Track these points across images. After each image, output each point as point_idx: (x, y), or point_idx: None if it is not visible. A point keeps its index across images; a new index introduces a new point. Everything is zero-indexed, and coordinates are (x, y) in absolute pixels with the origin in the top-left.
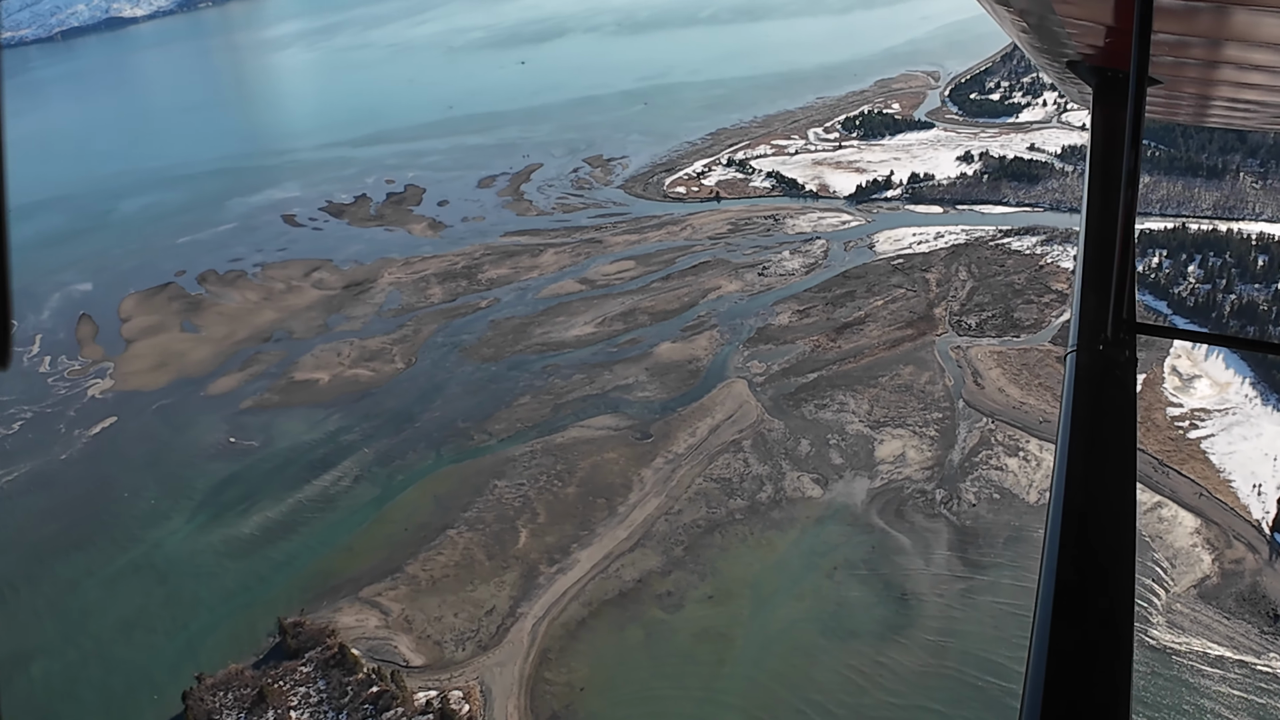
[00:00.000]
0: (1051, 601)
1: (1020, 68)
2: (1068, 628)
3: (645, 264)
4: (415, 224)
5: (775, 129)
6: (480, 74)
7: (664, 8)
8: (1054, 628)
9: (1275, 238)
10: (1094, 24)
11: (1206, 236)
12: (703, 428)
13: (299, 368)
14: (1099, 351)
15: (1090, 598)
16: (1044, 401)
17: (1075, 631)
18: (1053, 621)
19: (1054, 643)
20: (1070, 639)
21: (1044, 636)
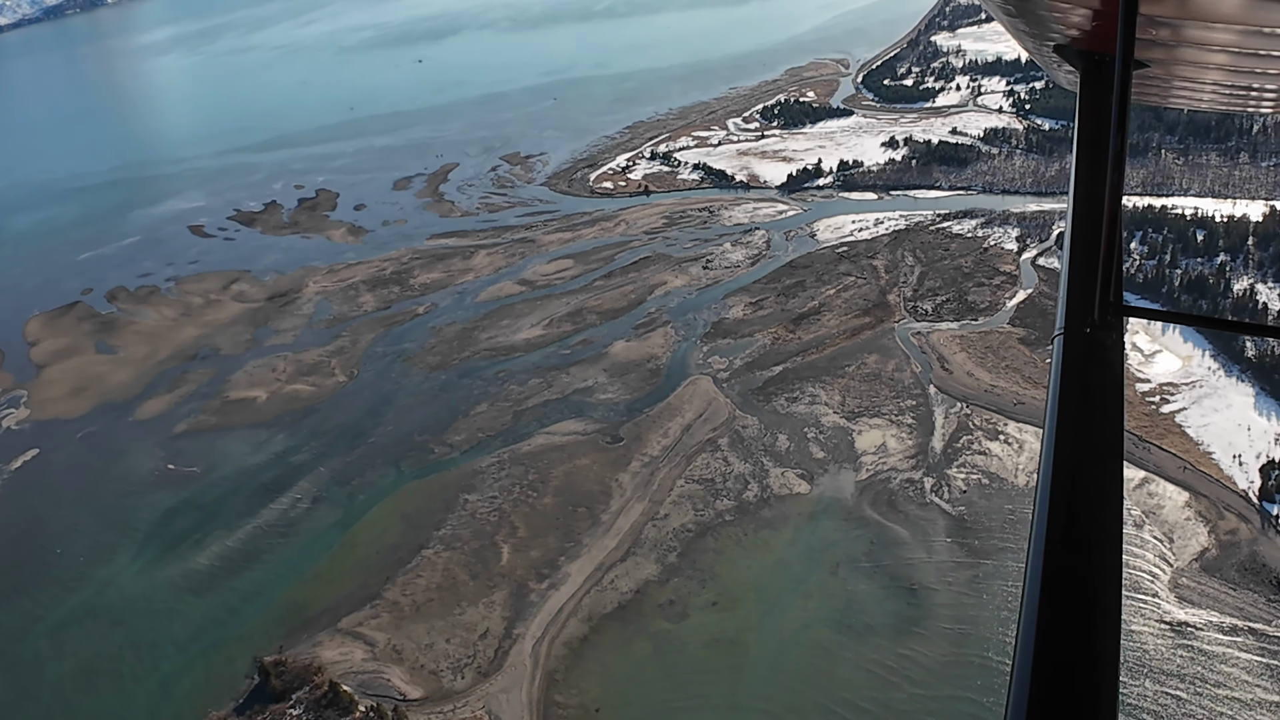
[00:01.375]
0: (1039, 581)
1: (928, 53)
2: (1056, 606)
3: (584, 262)
4: (333, 230)
5: (693, 120)
6: (377, 73)
7: (556, 3)
8: (1042, 607)
9: (1209, 213)
10: (1080, 7)
11: (1144, 214)
12: (674, 428)
13: (232, 386)
14: (1086, 334)
15: (1078, 577)
16: (1014, 384)
17: (1064, 610)
18: (1041, 601)
19: (1042, 622)
20: (1059, 618)
21: (1032, 616)
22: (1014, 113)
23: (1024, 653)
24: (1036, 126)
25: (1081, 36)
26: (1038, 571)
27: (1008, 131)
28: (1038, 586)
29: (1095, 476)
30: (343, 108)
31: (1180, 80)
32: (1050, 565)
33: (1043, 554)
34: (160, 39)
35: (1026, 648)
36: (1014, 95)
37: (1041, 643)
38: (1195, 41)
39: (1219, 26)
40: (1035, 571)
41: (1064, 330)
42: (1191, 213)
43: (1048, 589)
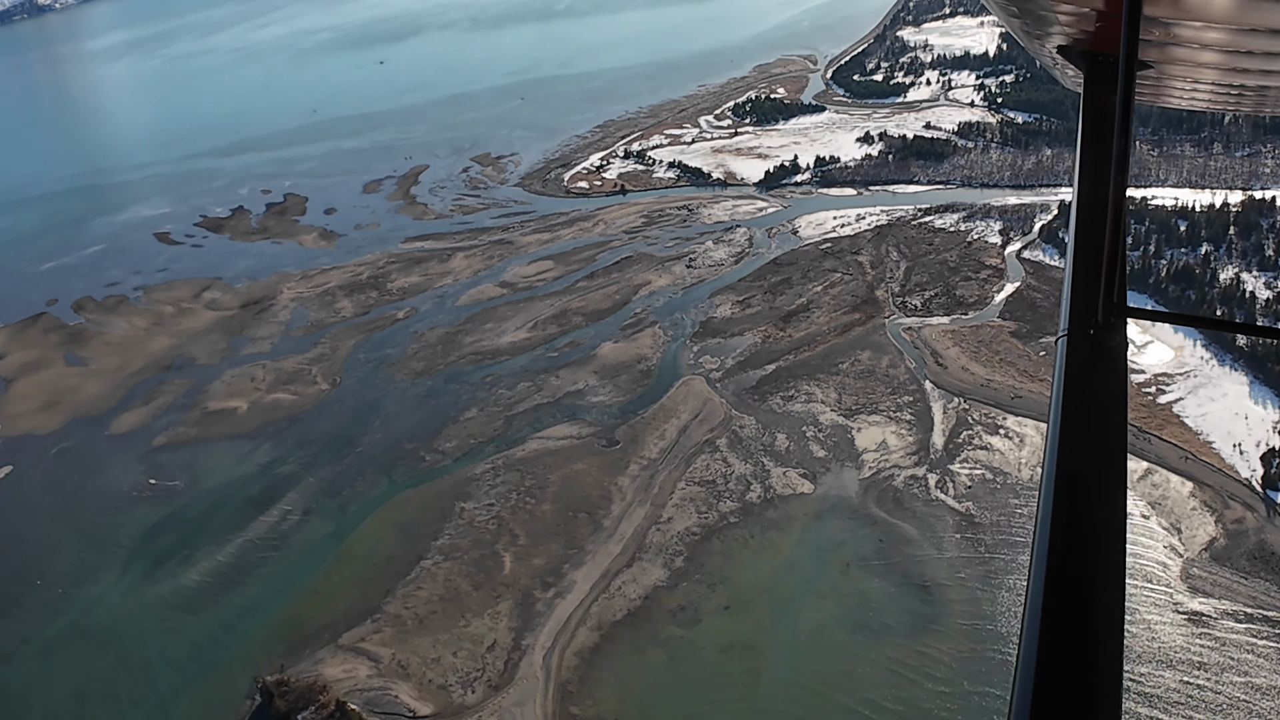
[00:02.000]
0: (1042, 586)
1: (896, 48)
2: (1059, 614)
3: (564, 263)
4: (305, 235)
5: (664, 119)
6: (338, 75)
7: (516, 3)
8: (1045, 613)
9: (1188, 204)
10: (1084, 8)
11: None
12: (670, 430)
13: (210, 396)
14: (1090, 336)
15: (1081, 580)
16: (1009, 378)
17: (1068, 612)
18: (1044, 607)
19: (1046, 626)
20: (1063, 620)
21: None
22: (985, 107)
23: (1027, 655)
24: (1010, 120)
25: (1085, 37)
26: (1041, 574)
27: (982, 125)
28: (1040, 591)
29: (1099, 479)
30: (305, 110)
31: (1183, 80)
32: (1054, 568)
33: (1046, 556)
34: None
35: (1029, 651)
36: (984, 89)
37: (1044, 646)
38: (1199, 42)
39: (1222, 27)
40: (1039, 574)
41: (1068, 332)
42: (1172, 203)
43: (1051, 595)
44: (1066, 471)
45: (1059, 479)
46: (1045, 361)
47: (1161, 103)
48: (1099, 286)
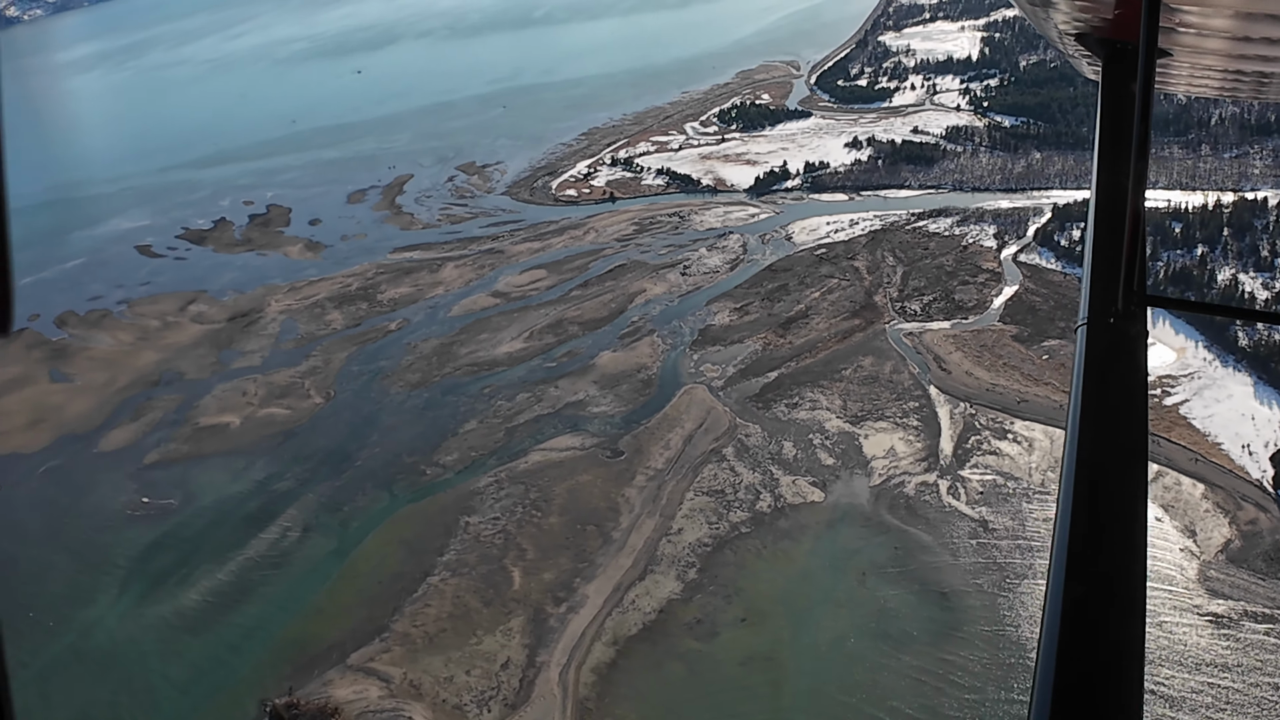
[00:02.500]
0: (1064, 571)
1: (878, 53)
2: (1081, 599)
3: (557, 272)
4: (290, 246)
5: (650, 125)
6: (316, 85)
7: (493, 10)
8: (1066, 599)
9: (1181, 205)
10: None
11: None
12: (675, 439)
13: (202, 412)
14: (1110, 324)
15: (1103, 569)
16: (1014, 381)
17: (1088, 602)
18: (1065, 592)
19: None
20: (1083, 610)
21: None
22: (972, 111)
23: (1047, 650)
24: (998, 124)
25: (1104, 25)
26: (1062, 562)
27: (970, 130)
28: (1061, 581)
29: (1120, 467)
30: (284, 121)
31: (1203, 69)
32: (1075, 555)
33: (1067, 544)
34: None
35: (1050, 645)
36: (970, 93)
37: (1065, 640)
38: (1219, 29)
39: (1243, 14)
40: (1060, 562)
41: (1087, 320)
42: (1164, 205)
43: (1072, 583)
44: (1088, 460)
45: (1080, 467)
46: (1049, 365)
47: (1180, 90)
48: (1119, 274)
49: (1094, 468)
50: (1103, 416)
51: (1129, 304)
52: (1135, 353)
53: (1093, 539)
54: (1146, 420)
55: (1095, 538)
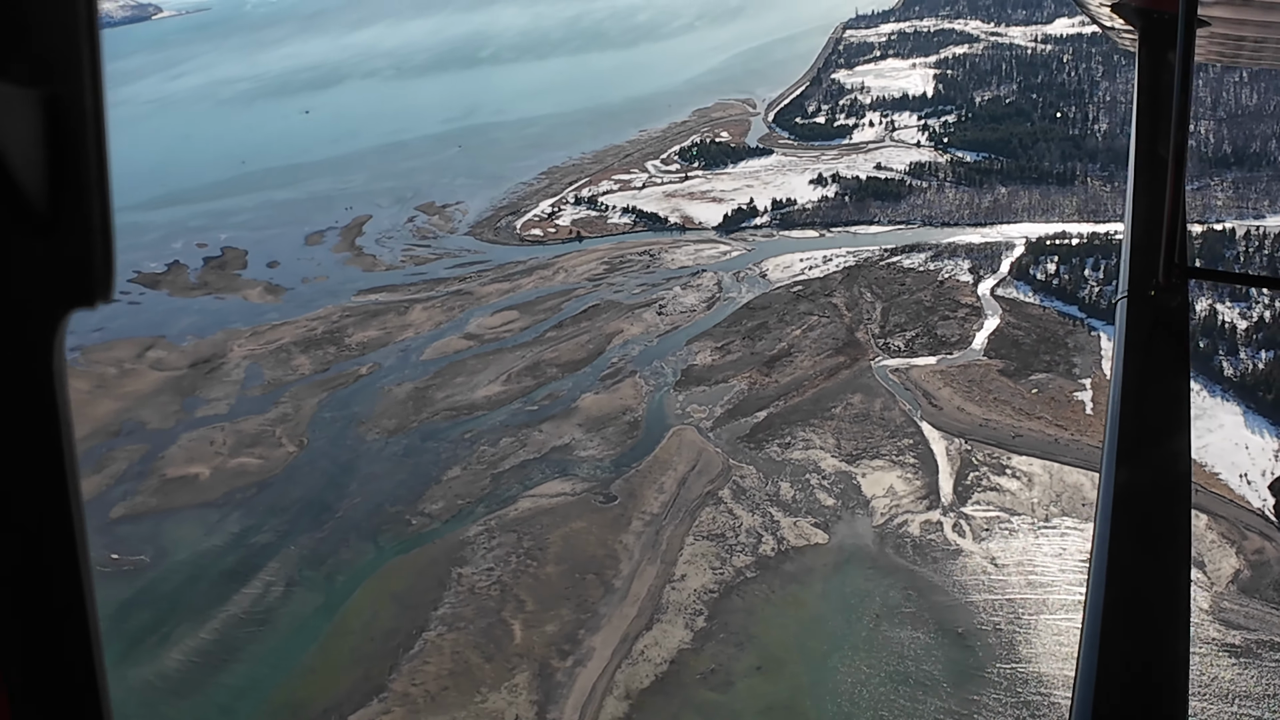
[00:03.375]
0: (1106, 559)
1: (834, 90)
2: (1123, 590)
3: (530, 313)
4: (249, 289)
5: (610, 164)
6: (263, 125)
7: (439, 50)
8: (1109, 589)
9: None
10: None
11: (1089, 241)
12: (669, 482)
13: (168, 462)
14: (1151, 298)
15: (1147, 546)
16: (1006, 416)
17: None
18: (1108, 583)
19: (1109, 608)
20: (1127, 605)
21: (1098, 598)
22: (932, 146)
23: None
24: (960, 160)
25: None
26: (1104, 546)
27: (933, 166)
28: (1103, 569)
29: (1162, 442)
30: (233, 161)
31: (1240, 39)
32: (1118, 534)
33: (1110, 521)
34: None
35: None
36: (929, 129)
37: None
38: None
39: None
40: (1102, 547)
41: (1128, 294)
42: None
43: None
44: (1129, 434)
45: (1122, 441)
46: (1039, 399)
47: (1217, 60)
48: (1159, 247)
49: (1137, 441)
50: (1145, 391)
51: (1170, 277)
52: (1177, 326)
53: (1136, 516)
54: (1189, 394)
55: (1139, 513)
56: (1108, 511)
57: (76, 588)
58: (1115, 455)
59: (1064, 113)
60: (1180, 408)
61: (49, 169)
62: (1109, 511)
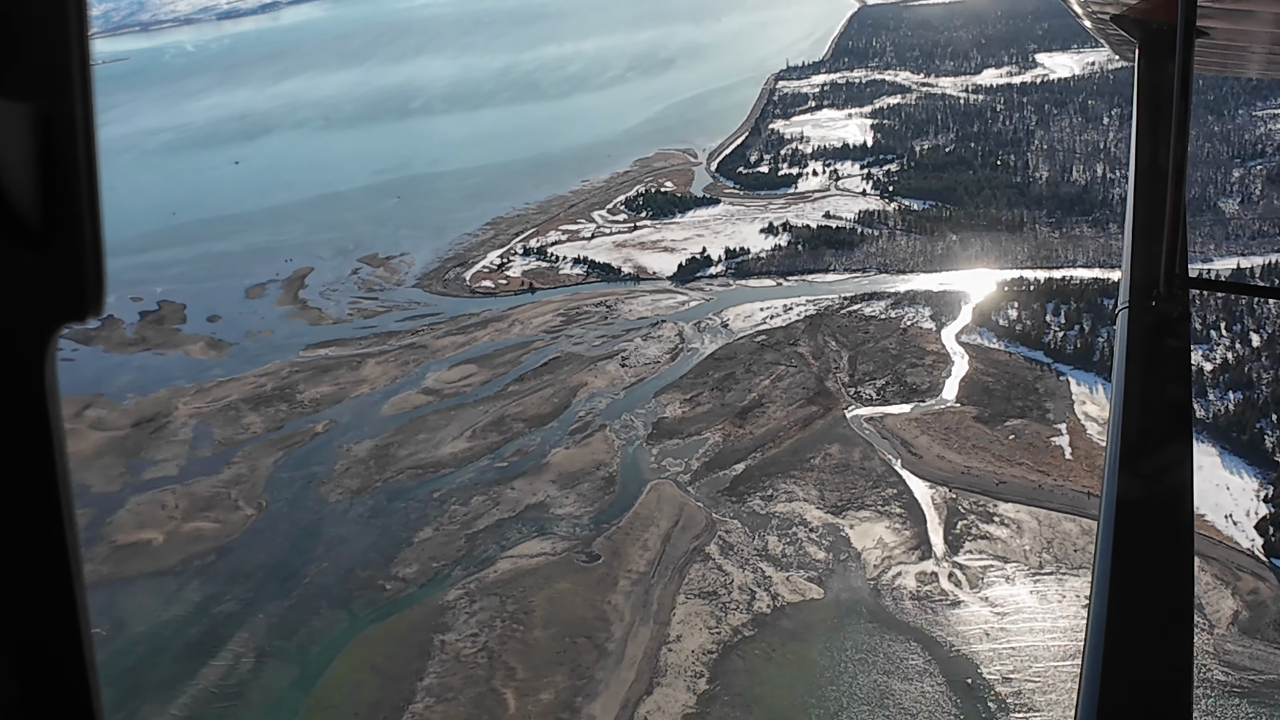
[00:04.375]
0: (1109, 567)
1: (774, 140)
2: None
3: (489, 366)
4: (190, 344)
5: (556, 214)
6: (191, 176)
7: (367, 101)
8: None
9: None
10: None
11: (1046, 286)
12: (652, 539)
13: (117, 529)
14: (1152, 308)
15: (1149, 553)
16: (987, 463)
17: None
18: (1110, 590)
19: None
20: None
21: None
22: (878, 195)
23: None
24: (908, 208)
25: (1140, 6)
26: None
27: (883, 214)
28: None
29: (1165, 446)
30: (163, 213)
31: (1240, 49)
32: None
33: (1113, 531)
34: None
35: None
36: (872, 178)
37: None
38: (1256, 9)
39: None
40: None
41: (1129, 304)
42: (1091, 281)
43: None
44: (1132, 444)
45: (1124, 450)
46: (1018, 444)
47: (1216, 71)
48: (1160, 257)
49: (1139, 451)
50: (1147, 401)
51: (1171, 286)
52: (1178, 336)
53: (1139, 525)
54: (1191, 404)
55: (1141, 521)
56: (1110, 519)
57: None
58: (1118, 464)
59: (1004, 161)
60: (1182, 416)
61: (42, 184)
62: (1111, 520)
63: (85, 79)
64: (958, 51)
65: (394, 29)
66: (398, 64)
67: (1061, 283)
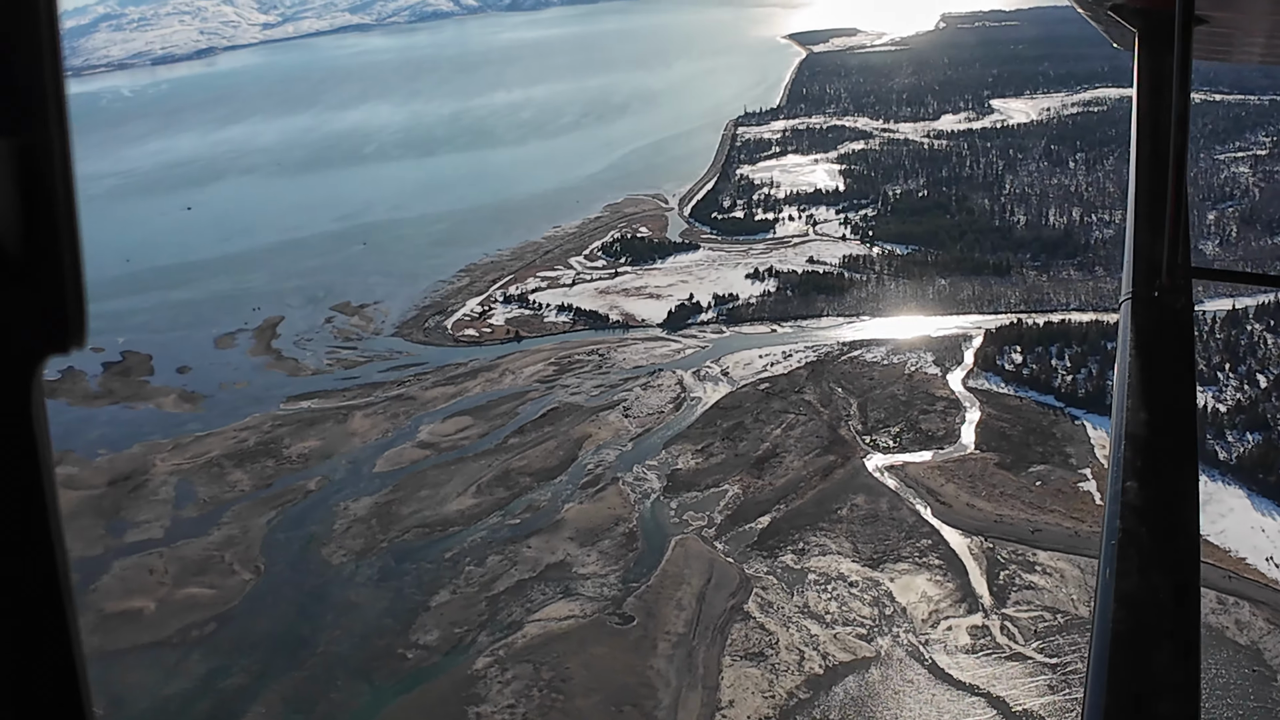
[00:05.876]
0: (1114, 564)
1: (743, 185)
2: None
3: (484, 418)
4: (161, 397)
5: (531, 261)
6: (142, 222)
7: (318, 147)
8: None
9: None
10: None
11: (1045, 330)
12: (686, 598)
13: (104, 596)
14: (1155, 298)
15: (1155, 554)
16: (1019, 511)
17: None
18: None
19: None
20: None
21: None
22: (858, 240)
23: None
24: (891, 253)
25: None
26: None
27: (868, 259)
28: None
29: (1169, 446)
30: (116, 259)
31: (1240, 36)
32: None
33: (1118, 532)
34: None
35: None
36: (850, 223)
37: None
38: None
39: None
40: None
41: (1131, 295)
42: (1091, 324)
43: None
44: (1136, 437)
45: (1129, 447)
46: (1046, 491)
47: (1218, 58)
48: (1162, 247)
49: (1143, 446)
50: (1151, 390)
51: (1174, 277)
52: (1182, 325)
53: (1143, 523)
54: (1195, 395)
55: (1145, 521)
56: (1115, 515)
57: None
58: (1121, 456)
59: (981, 205)
60: (1186, 409)
61: (23, 215)
62: (1116, 515)
63: (61, 110)
64: (913, 98)
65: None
66: (345, 110)
67: (1061, 325)
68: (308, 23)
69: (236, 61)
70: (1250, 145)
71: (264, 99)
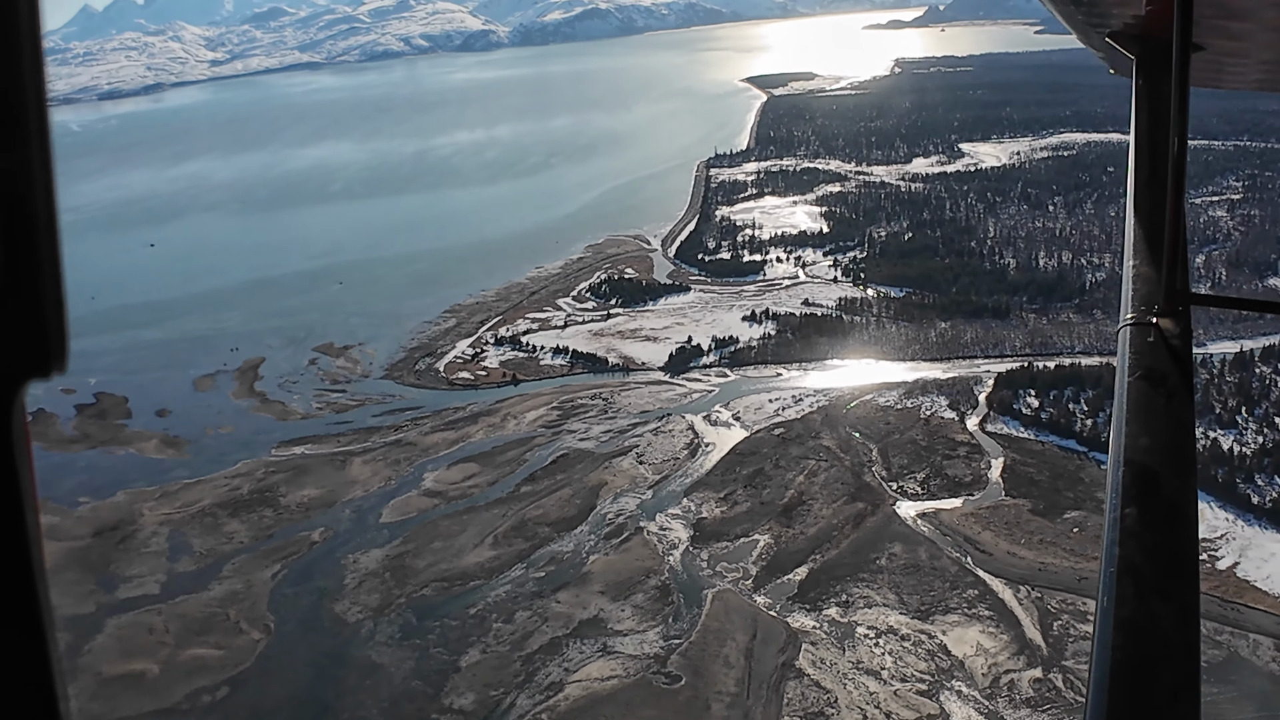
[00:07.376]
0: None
1: (725, 226)
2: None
3: (491, 465)
4: (142, 442)
5: (518, 302)
6: (103, 260)
7: (280, 185)
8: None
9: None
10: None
11: (1057, 373)
12: (733, 655)
13: (101, 657)
14: (1154, 324)
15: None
16: (1062, 558)
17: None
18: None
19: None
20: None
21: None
22: (850, 282)
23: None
24: (886, 295)
25: (1137, 21)
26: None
27: (863, 301)
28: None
29: (1168, 473)
30: (80, 297)
31: (1239, 62)
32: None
33: (1116, 560)
34: None
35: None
36: (839, 265)
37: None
38: (1255, 22)
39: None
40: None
41: (1131, 321)
42: (1100, 366)
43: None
44: (1134, 463)
45: (1127, 473)
46: (1085, 538)
47: (1216, 85)
48: (1161, 273)
49: (1141, 473)
50: (1150, 416)
51: (1172, 303)
52: (1180, 353)
53: (1142, 549)
54: (1193, 422)
55: (1144, 548)
56: (1114, 543)
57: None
58: (1120, 484)
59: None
60: (1185, 435)
61: (3, 238)
62: (1115, 543)
63: (44, 133)
64: (882, 141)
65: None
66: (304, 147)
67: (1073, 369)
68: (256, 60)
69: (185, 98)
70: (1223, 190)
71: (217, 135)
